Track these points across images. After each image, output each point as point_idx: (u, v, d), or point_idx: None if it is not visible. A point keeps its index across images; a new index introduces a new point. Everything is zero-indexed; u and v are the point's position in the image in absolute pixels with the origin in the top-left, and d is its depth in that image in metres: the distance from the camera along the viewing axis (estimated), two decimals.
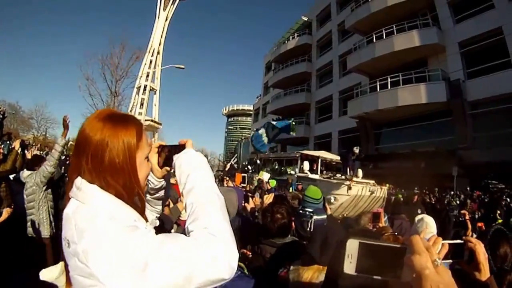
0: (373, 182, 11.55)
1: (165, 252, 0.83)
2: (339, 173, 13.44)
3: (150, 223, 1.12)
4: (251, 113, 61.68)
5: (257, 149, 16.71)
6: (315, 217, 3.18)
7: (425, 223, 3.40)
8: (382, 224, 3.32)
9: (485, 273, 1.14)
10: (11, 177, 5.40)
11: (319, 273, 1.77)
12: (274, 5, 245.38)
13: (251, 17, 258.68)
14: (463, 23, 20.05)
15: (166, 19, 65.40)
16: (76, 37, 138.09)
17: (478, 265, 1.14)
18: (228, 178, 14.61)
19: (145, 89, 60.06)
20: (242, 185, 14.01)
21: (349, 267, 0.68)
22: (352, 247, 0.68)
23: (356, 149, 12.68)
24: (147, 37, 62.35)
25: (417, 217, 3.65)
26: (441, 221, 6.41)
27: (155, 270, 0.80)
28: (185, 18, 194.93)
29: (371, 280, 0.71)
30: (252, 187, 12.98)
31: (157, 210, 1.40)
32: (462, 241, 1.12)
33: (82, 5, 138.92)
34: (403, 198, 12.57)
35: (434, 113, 20.75)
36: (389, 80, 22.31)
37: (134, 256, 0.80)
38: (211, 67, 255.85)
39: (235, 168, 25.41)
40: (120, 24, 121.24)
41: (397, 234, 2.13)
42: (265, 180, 12.24)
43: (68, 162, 8.15)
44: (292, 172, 14.09)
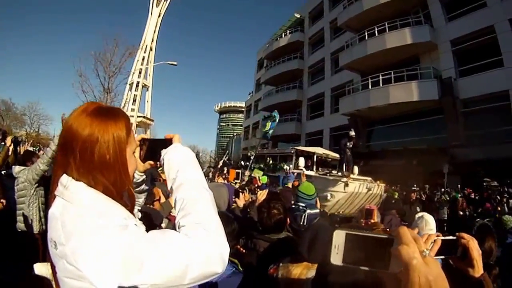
0: (370, 179, 11.21)
1: (158, 249, 0.81)
2: (334, 169, 13.10)
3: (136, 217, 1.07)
4: (243, 110, 61.27)
5: (265, 134, 16.40)
6: (308, 211, 3.21)
7: (425, 220, 3.36)
8: (374, 220, 3.35)
9: (478, 270, 1.13)
10: (3, 172, 5.43)
11: (308, 270, 1.77)
12: (266, 2, 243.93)
13: (243, 14, 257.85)
14: (456, 21, 19.89)
15: (159, 16, 64.64)
16: (69, 33, 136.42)
17: (471, 261, 1.12)
18: (219, 174, 14.38)
19: (137, 86, 59.50)
20: (236, 180, 13.89)
21: (336, 258, 0.67)
22: (338, 238, 0.67)
23: (351, 131, 12.09)
24: (140, 33, 61.54)
25: (417, 215, 3.61)
26: None
27: (149, 268, 0.78)
28: (177, 14, 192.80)
29: (360, 276, 0.81)
30: (243, 182, 12.89)
31: (139, 203, 1.38)
32: (455, 237, 1.08)
33: (75, 2, 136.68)
34: (401, 196, 12.40)
35: (425, 111, 20.60)
36: (381, 77, 22.16)
37: (126, 255, 0.77)
38: (203, 64, 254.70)
39: (228, 164, 25.20)
40: (113, 20, 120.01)
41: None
42: (257, 176, 12.22)
43: None
44: (286, 167, 13.71)
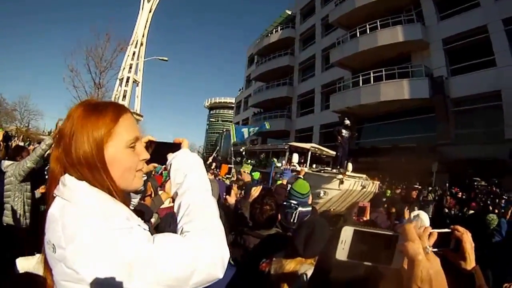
0: (365, 176, 10.84)
1: (163, 255, 0.79)
2: (328, 166, 12.70)
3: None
4: (233, 106, 60.84)
5: (237, 140, 16.10)
6: (300, 209, 3.18)
7: (420, 219, 3.07)
8: (366, 218, 3.33)
9: (470, 262, 1.12)
10: None
11: (301, 265, 1.80)
12: None
13: (234, 10, 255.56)
14: (448, 20, 19.67)
15: (150, 11, 64.12)
16: (60, 28, 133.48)
17: (463, 254, 1.11)
18: (208, 169, 13.96)
19: (127, 81, 58.89)
20: (227, 175, 13.50)
21: (341, 254, 0.68)
22: (346, 234, 0.68)
23: (346, 120, 11.63)
24: (131, 28, 60.63)
25: (413, 213, 3.36)
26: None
27: (153, 274, 0.76)
28: (168, 10, 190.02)
29: (360, 271, 0.84)
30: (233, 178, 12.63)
31: (133, 203, 1.30)
32: (449, 230, 1.09)
33: None
34: (395, 193, 12.09)
35: (416, 109, 20.40)
36: (372, 75, 21.96)
37: (130, 260, 0.75)
38: (193, 59, 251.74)
39: (217, 160, 24.96)
40: (105, 15, 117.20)
41: None
42: (246, 172, 11.73)
43: None
44: (278, 164, 13.21)
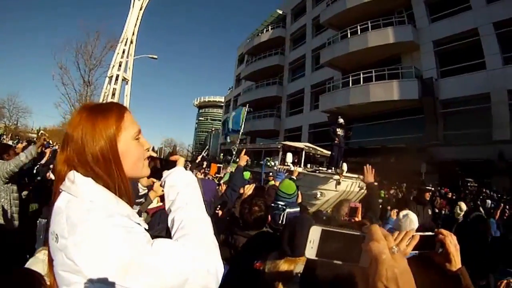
0: (363, 177, 10.41)
1: (160, 258, 0.80)
2: (322, 166, 12.35)
3: None
4: (222, 104, 60.21)
5: (231, 130, 15.77)
6: (288, 210, 3.17)
7: (409, 219, 3.48)
8: (358, 218, 3.26)
9: (455, 264, 1.14)
10: None
11: (296, 264, 1.79)
12: None
13: (225, 9, 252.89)
14: (439, 22, 19.64)
15: (140, 8, 62.81)
16: (50, 24, 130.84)
17: (448, 256, 1.13)
18: (198, 169, 13.60)
19: (117, 79, 57.74)
20: (216, 174, 13.14)
21: (310, 252, 0.70)
22: (314, 233, 0.69)
23: (340, 119, 11.19)
24: (121, 26, 59.39)
25: (402, 213, 3.71)
26: None
27: (148, 275, 0.77)
28: (159, 8, 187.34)
29: (345, 270, 0.88)
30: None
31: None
32: (433, 233, 1.11)
33: None
34: (388, 195, 11.81)
35: (405, 110, 20.33)
36: (361, 75, 21.79)
37: (128, 258, 0.76)
38: (183, 58, 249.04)
39: (207, 159, 24.86)
40: (95, 12, 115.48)
41: None
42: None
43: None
44: (271, 164, 12.74)
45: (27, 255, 3.95)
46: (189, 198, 1.06)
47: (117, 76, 58.27)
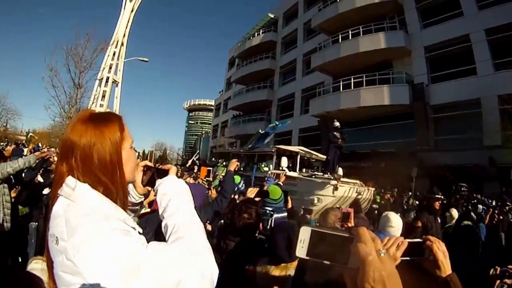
0: (360, 182, 10.17)
1: (156, 260, 0.82)
2: (317, 170, 11.97)
3: None
4: (212, 108, 59.58)
5: (256, 145, 15.62)
6: (275, 215, 3.18)
7: (387, 217, 3.47)
8: (351, 224, 3.25)
9: (444, 270, 1.15)
10: None
11: (287, 270, 1.82)
12: (241, 1, 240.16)
13: (216, 13, 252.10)
14: (431, 28, 19.67)
15: (132, 10, 62.33)
16: (40, 26, 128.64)
17: (437, 262, 1.14)
18: (188, 173, 13.34)
19: (107, 81, 57.20)
20: (207, 178, 13.15)
21: (301, 251, 0.71)
22: (304, 233, 0.71)
23: (336, 122, 10.83)
24: (112, 28, 58.67)
25: (383, 214, 3.74)
26: None
27: (145, 276, 0.79)
28: (150, 10, 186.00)
29: (333, 274, 0.92)
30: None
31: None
32: (421, 240, 1.13)
33: None
34: (384, 200, 11.58)
35: (396, 115, 20.27)
36: (352, 80, 21.67)
37: (125, 259, 0.78)
38: (174, 61, 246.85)
39: (196, 164, 24.69)
40: (86, 14, 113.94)
41: None
42: (223, 175, 11.19)
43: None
44: (266, 168, 12.27)
45: (19, 257, 4.16)
46: (181, 204, 1.09)
47: (107, 78, 57.80)
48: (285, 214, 3.39)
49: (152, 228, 1.90)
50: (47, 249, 0.89)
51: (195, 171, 16.11)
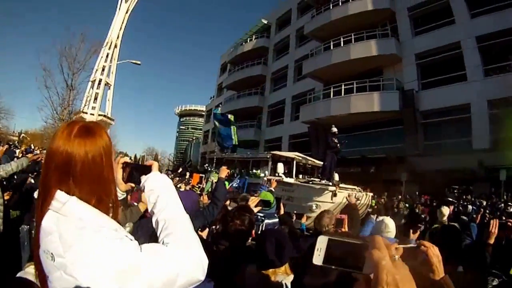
0: (359, 188, 10.02)
1: (155, 260, 0.85)
2: (312, 176, 11.74)
3: None
4: (204, 113, 59.14)
5: (224, 145, 15.39)
6: (267, 221, 3.27)
7: (384, 224, 3.50)
8: (345, 229, 3.33)
9: (438, 274, 1.21)
10: None
11: (275, 275, 1.83)
12: (232, 7, 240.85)
13: (209, 18, 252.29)
14: (422, 36, 19.75)
15: (126, 11, 61.96)
16: (35, 25, 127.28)
17: (431, 266, 1.20)
18: (180, 180, 13.45)
19: (99, 83, 56.49)
20: (199, 184, 12.95)
21: (317, 259, 0.73)
22: (321, 241, 0.73)
23: (333, 128, 10.55)
24: (105, 31, 58.22)
25: (378, 219, 3.80)
26: None
27: (143, 277, 0.82)
28: (143, 14, 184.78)
29: (331, 277, 1.03)
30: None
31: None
32: (415, 245, 1.20)
33: None
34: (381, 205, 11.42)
35: (386, 121, 20.20)
36: (343, 87, 21.56)
37: (124, 266, 0.81)
38: (166, 65, 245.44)
39: (188, 170, 24.54)
40: (81, 14, 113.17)
41: None
42: (215, 181, 10.92)
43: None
44: (261, 174, 11.93)
45: (11, 261, 3.75)
46: (169, 199, 1.09)
47: (100, 80, 57.06)
48: (276, 220, 3.42)
49: (143, 233, 1.87)
50: (38, 264, 0.87)
51: (187, 177, 15.81)
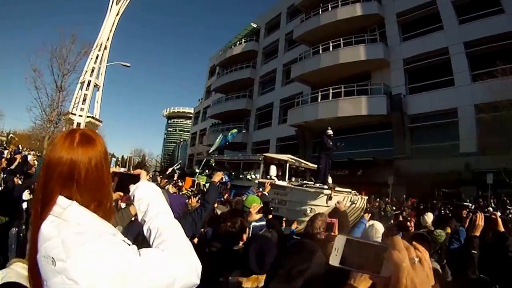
0: (354, 191, 9.59)
1: (154, 265, 0.86)
2: (305, 179, 11.34)
3: None
4: (191, 116, 58.37)
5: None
6: (254, 224, 3.17)
7: (374, 229, 3.60)
8: (335, 233, 2.96)
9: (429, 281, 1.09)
10: None
11: (258, 282, 1.82)
12: (221, 10, 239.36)
13: (199, 21, 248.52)
14: (410, 41, 19.85)
15: (117, 14, 61.39)
16: (25, 25, 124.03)
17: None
18: (168, 182, 12.73)
19: (88, 85, 55.46)
20: (191, 188, 12.67)
21: (334, 260, 0.70)
22: (339, 241, 0.70)
23: (329, 130, 10.14)
24: (95, 33, 57.51)
25: (368, 223, 3.83)
26: None
27: (143, 281, 0.83)
28: (133, 16, 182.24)
29: (298, 284, 1.04)
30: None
31: None
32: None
33: None
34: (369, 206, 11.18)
35: (374, 125, 20.18)
36: (331, 91, 21.51)
37: (122, 271, 0.81)
38: (154, 67, 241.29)
39: (176, 172, 24.19)
40: (72, 17, 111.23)
41: None
42: (202, 183, 11.75)
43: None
44: (252, 177, 11.58)
45: None
46: (159, 207, 1.10)
47: (89, 82, 56.13)
48: (264, 222, 3.35)
49: (132, 236, 1.83)
50: (33, 269, 0.87)
51: (175, 179, 15.37)
